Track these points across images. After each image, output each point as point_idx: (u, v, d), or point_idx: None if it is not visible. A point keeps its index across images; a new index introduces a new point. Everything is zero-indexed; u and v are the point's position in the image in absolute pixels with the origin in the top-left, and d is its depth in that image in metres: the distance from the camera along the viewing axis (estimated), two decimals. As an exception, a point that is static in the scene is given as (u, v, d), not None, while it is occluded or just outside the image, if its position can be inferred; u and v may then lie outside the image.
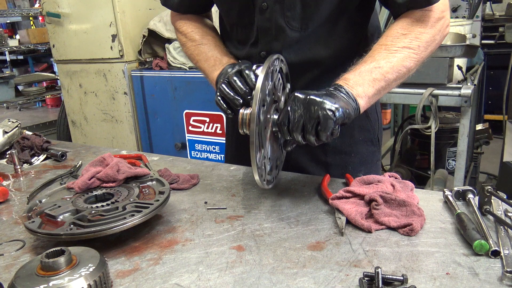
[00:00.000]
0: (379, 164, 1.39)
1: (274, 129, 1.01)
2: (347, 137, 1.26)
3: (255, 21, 1.16)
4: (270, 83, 0.98)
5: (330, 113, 0.88)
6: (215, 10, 1.34)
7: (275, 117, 1.01)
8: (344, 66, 1.05)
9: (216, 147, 3.19)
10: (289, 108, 0.92)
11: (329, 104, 0.89)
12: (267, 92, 0.96)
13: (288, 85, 1.12)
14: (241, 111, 1.00)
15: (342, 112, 0.90)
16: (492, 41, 4.46)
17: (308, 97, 0.91)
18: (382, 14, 2.99)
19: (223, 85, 1.05)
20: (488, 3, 3.89)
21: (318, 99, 0.90)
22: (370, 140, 1.30)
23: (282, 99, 1.07)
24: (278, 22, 1.13)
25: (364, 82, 0.97)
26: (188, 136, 3.35)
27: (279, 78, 1.06)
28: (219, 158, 3.19)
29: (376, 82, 0.98)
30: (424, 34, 1.02)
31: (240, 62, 1.15)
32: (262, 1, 1.12)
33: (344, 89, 0.95)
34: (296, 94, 0.93)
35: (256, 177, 0.94)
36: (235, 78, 1.04)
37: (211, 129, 3.19)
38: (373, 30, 1.23)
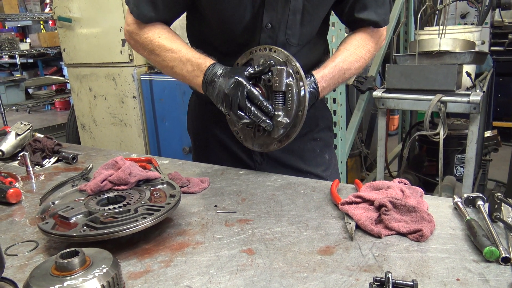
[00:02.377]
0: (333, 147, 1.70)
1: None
2: (315, 125, 1.49)
3: (257, 38, 1.29)
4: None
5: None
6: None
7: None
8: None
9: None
10: None
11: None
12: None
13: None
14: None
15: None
16: (501, 48, 4.43)
17: None
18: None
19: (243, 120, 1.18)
20: (498, 9, 3.88)
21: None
22: (328, 127, 1.55)
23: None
24: (280, 39, 1.30)
25: (331, 81, 1.30)
26: (196, 140, 3.36)
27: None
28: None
29: (338, 78, 1.32)
30: (373, 49, 1.40)
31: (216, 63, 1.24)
32: (268, 21, 1.26)
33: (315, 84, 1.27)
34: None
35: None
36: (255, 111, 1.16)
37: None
38: (326, 46, 1.54)
